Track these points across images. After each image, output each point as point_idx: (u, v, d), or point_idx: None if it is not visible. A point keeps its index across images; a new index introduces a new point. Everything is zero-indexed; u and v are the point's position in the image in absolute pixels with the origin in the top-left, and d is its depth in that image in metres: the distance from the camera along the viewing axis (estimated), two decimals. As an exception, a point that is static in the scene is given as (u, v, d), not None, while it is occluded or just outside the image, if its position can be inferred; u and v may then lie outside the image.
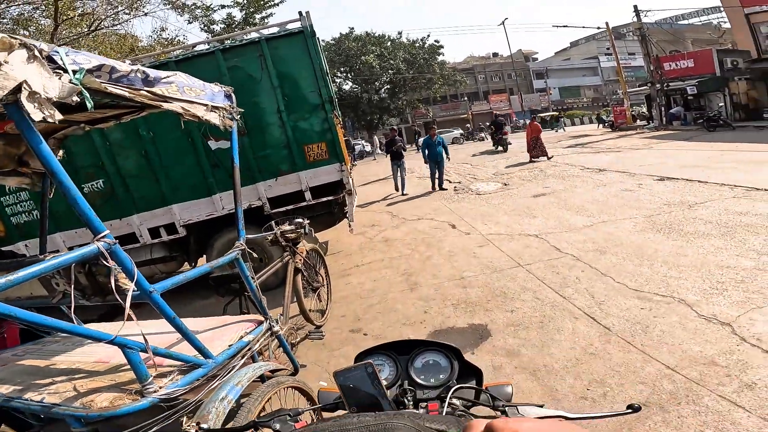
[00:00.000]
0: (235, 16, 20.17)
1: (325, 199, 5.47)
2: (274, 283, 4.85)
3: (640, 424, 2.24)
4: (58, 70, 1.16)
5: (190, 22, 19.76)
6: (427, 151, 11.02)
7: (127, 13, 13.18)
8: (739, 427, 2.12)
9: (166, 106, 1.62)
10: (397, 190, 11.57)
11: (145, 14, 13.37)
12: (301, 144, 5.40)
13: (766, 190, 6.45)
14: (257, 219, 5.20)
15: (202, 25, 19.60)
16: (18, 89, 1.04)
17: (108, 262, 1.30)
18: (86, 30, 12.00)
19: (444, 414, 0.86)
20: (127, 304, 1.31)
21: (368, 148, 32.73)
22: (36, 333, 2.36)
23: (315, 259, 4.24)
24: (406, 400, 0.99)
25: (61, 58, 1.19)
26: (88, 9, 12.37)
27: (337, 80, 35.49)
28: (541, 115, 30.71)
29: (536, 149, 13.71)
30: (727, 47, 23.18)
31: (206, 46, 5.61)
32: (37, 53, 1.11)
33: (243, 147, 5.14)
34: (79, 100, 1.20)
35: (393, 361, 1.11)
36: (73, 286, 1.31)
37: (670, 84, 22.46)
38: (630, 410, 0.80)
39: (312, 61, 5.22)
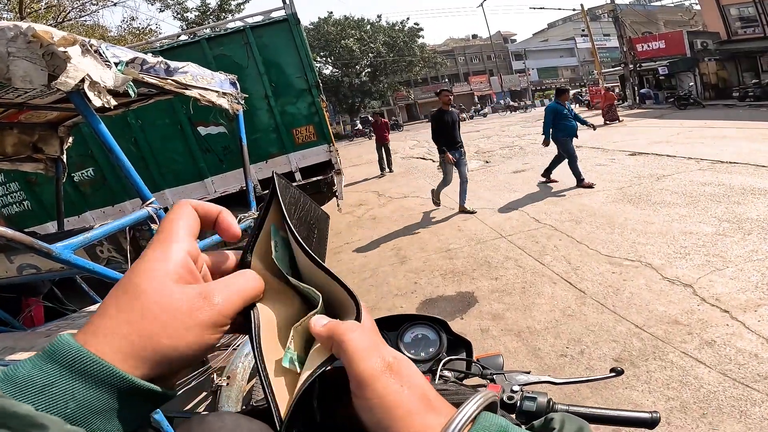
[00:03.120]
0: (209, 3, 19.76)
1: (314, 179, 5.66)
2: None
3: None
4: (107, 63, 1.31)
5: (161, 11, 19.41)
6: (553, 125, 6.90)
7: (94, 4, 12.87)
8: (701, 381, 2.29)
9: (187, 93, 1.79)
10: (437, 202, 6.93)
11: (114, 4, 13.09)
12: (290, 128, 5.57)
13: (729, 162, 6.85)
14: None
15: (175, 14, 19.18)
16: (82, 80, 1.20)
17: (155, 225, 1.49)
18: (52, 22, 11.68)
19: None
20: None
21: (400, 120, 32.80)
22: (59, 311, 2.52)
23: (309, 236, 4.43)
24: None
25: (104, 52, 1.33)
26: (54, 1, 12.02)
27: (317, 65, 35.17)
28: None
29: (610, 113, 16.02)
30: (698, 29, 23.69)
31: (186, 37, 5.67)
32: (89, 47, 1.26)
33: (233, 132, 5.28)
34: (126, 89, 1.37)
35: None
36: (126, 249, 1.49)
37: (643, 64, 22.99)
38: (613, 374, 0.85)
39: (297, 48, 5.37)
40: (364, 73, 37.06)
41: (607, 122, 16.11)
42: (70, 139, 2.64)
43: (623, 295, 3.35)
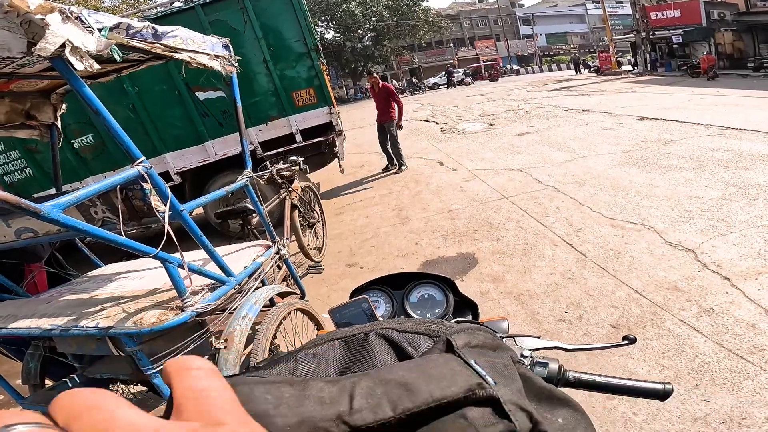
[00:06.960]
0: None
1: (315, 140, 5.65)
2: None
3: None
4: (89, 28, 1.31)
5: (157, -22, 18.79)
6: None
7: (87, -26, 12.50)
8: (697, 351, 2.26)
9: (177, 56, 1.78)
10: None
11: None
12: (289, 91, 5.54)
13: (740, 129, 6.70)
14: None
15: (170, -19, 18.56)
16: (63, 45, 1.21)
17: (146, 185, 1.50)
18: None
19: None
20: (166, 222, 1.52)
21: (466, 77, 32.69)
22: (63, 277, 2.55)
23: (310, 196, 4.40)
24: None
25: (86, 18, 1.34)
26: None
27: (318, 29, 34.48)
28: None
29: (711, 73, 17.21)
30: (715, -1, 23.00)
31: (180, 4, 5.54)
32: (68, 14, 1.26)
33: (231, 96, 5.23)
34: (111, 53, 1.38)
35: (388, 297, 1.06)
36: (118, 209, 1.51)
37: (656, 33, 22.41)
38: (626, 342, 0.81)
39: (295, 11, 5.27)
40: (366, 38, 36.26)
41: (710, 79, 16.96)
42: (64, 106, 2.65)
43: (624, 259, 3.30)
